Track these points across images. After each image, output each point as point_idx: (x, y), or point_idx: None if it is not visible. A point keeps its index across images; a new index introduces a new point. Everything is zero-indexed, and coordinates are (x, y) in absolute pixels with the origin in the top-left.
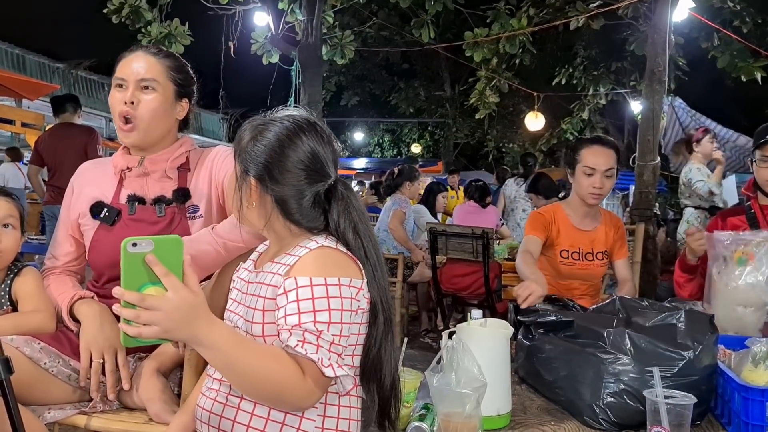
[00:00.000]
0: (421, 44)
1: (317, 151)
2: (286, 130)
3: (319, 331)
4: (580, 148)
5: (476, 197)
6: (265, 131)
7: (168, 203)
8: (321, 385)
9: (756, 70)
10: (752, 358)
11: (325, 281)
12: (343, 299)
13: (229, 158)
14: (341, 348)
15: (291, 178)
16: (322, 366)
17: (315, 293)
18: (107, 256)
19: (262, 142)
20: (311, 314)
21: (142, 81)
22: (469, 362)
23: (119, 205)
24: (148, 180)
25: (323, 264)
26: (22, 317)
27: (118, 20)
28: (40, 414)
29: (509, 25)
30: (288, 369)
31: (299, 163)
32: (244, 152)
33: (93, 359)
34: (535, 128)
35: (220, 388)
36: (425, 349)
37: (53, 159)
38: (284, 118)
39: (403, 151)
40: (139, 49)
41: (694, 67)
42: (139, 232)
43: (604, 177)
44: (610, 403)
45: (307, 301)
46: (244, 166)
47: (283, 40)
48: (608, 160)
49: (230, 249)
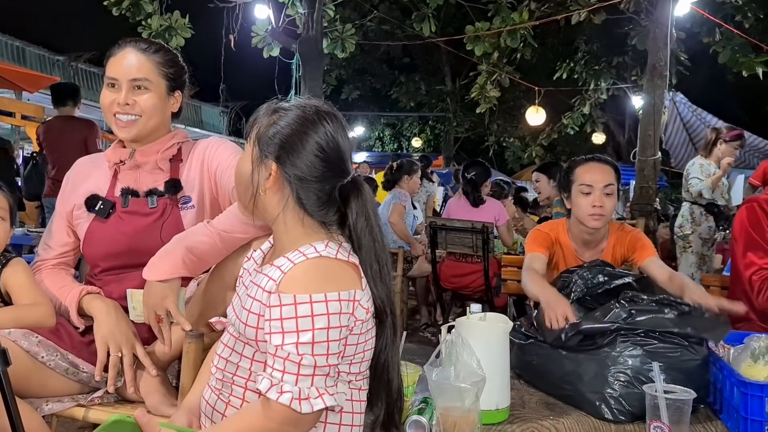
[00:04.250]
0: (422, 38)
1: (338, 140)
2: (307, 114)
3: (300, 355)
4: (575, 167)
5: (468, 192)
6: (285, 115)
7: (160, 195)
8: (306, 420)
9: (757, 66)
10: (751, 354)
11: (311, 298)
12: (330, 316)
13: (221, 148)
14: (328, 368)
15: (311, 163)
16: (299, 402)
17: (299, 312)
18: (101, 248)
19: (281, 125)
20: (294, 335)
21: (134, 81)
22: (468, 356)
23: (114, 198)
24: (140, 172)
25: (313, 277)
26: (23, 310)
27: (118, 12)
28: (37, 406)
29: (510, 19)
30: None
31: (320, 149)
32: (264, 136)
33: (111, 353)
34: (535, 123)
35: (215, 384)
36: (424, 343)
37: (54, 152)
38: (304, 103)
39: (403, 145)
40: (128, 45)
41: (695, 62)
42: (132, 224)
43: (603, 195)
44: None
45: (290, 321)
46: (262, 150)
47: (283, 33)
48: (606, 177)
49: (226, 240)
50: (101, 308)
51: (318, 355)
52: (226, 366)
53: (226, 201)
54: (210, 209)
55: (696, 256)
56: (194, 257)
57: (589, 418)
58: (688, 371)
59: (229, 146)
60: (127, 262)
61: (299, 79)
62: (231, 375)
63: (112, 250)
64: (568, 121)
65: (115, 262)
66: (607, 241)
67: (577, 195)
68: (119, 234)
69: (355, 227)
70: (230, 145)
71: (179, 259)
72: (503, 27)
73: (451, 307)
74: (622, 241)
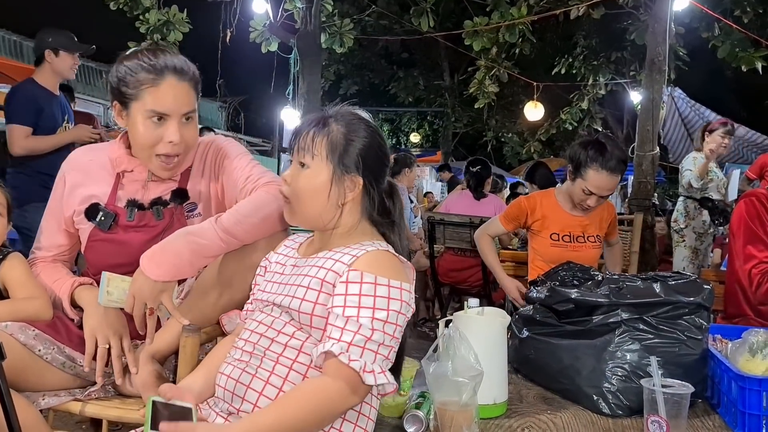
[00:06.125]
0: (420, 33)
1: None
2: (370, 124)
3: (372, 329)
4: (589, 165)
5: (472, 185)
6: (354, 128)
7: (165, 205)
8: (361, 392)
9: (756, 60)
10: (749, 348)
11: (389, 282)
12: (402, 302)
13: (228, 151)
14: (389, 348)
15: (382, 171)
16: (364, 373)
17: (378, 292)
18: (104, 258)
19: (356, 138)
20: (370, 310)
21: (185, 115)
22: (465, 351)
23: (116, 208)
24: (149, 182)
25: (388, 266)
26: (19, 304)
27: (116, 7)
28: (34, 400)
29: (509, 14)
30: (318, 397)
31: (386, 157)
32: (345, 152)
33: (98, 345)
34: (534, 118)
35: (242, 357)
36: (423, 338)
37: None
38: (354, 112)
39: (402, 140)
40: (170, 74)
41: (694, 57)
42: (137, 237)
43: (599, 199)
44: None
45: (369, 297)
46: (346, 166)
47: (281, 28)
48: (611, 187)
49: (231, 244)
50: (90, 300)
51: (387, 333)
52: (259, 340)
53: (231, 200)
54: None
55: (689, 249)
56: (197, 262)
57: (587, 412)
58: (685, 366)
59: (235, 147)
60: (129, 271)
61: (297, 74)
62: (263, 348)
63: (114, 262)
64: (566, 117)
65: (116, 271)
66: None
67: (578, 186)
68: (123, 246)
69: (398, 228)
70: (235, 146)
71: (184, 263)
72: (502, 22)
73: (449, 301)
74: (610, 211)
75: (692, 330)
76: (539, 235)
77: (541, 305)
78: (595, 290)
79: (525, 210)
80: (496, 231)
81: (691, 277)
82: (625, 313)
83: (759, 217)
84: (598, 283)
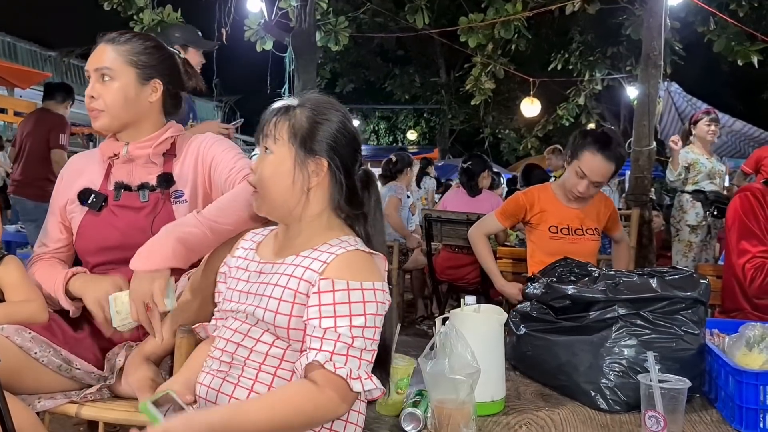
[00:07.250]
0: (415, 30)
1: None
2: (337, 107)
3: (353, 336)
4: (585, 147)
5: (464, 182)
6: (319, 111)
7: (151, 189)
8: (350, 399)
9: (752, 54)
10: (746, 342)
11: (361, 285)
12: (378, 304)
13: (216, 144)
14: (371, 353)
15: (350, 155)
16: (351, 380)
17: (352, 297)
18: (93, 242)
19: (320, 120)
20: (347, 318)
21: (97, 71)
22: (462, 348)
23: (106, 191)
24: (134, 166)
25: (360, 268)
26: (14, 307)
27: (110, 7)
28: (30, 403)
29: (504, 10)
30: (308, 406)
31: (355, 140)
32: (308, 134)
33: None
34: (530, 114)
35: (221, 367)
36: (420, 336)
37: (20, 146)
38: (320, 98)
39: (398, 138)
40: (102, 39)
41: (689, 51)
42: (124, 218)
43: (592, 185)
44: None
45: (344, 305)
46: (308, 148)
47: (276, 26)
48: (603, 173)
49: (216, 231)
50: (85, 280)
51: (367, 338)
52: (237, 350)
53: (219, 195)
54: (203, 204)
55: (683, 243)
56: (184, 249)
57: (585, 408)
58: (683, 361)
59: (224, 142)
60: (119, 257)
61: (293, 73)
62: (243, 358)
63: (104, 245)
64: (563, 113)
65: (106, 257)
66: (593, 198)
67: (572, 170)
68: (111, 228)
69: (373, 221)
70: (225, 141)
71: (169, 250)
72: (497, 18)
73: (447, 299)
74: (607, 205)
75: (689, 325)
76: (538, 228)
77: (537, 302)
78: (592, 286)
79: (523, 205)
80: (493, 228)
81: (688, 271)
82: (621, 309)
83: (753, 212)
84: (595, 279)
